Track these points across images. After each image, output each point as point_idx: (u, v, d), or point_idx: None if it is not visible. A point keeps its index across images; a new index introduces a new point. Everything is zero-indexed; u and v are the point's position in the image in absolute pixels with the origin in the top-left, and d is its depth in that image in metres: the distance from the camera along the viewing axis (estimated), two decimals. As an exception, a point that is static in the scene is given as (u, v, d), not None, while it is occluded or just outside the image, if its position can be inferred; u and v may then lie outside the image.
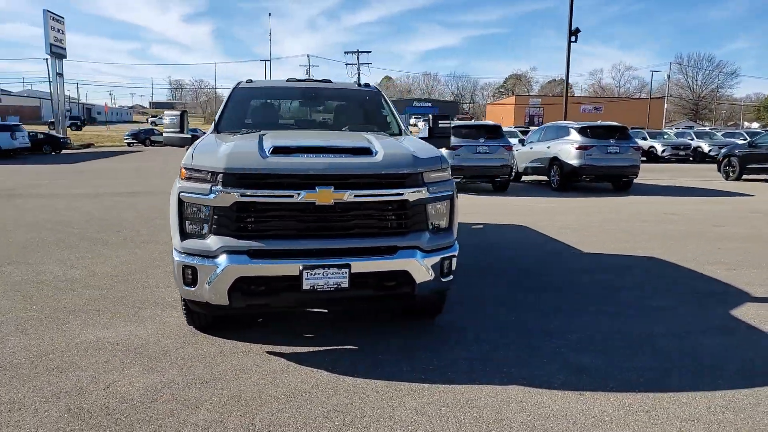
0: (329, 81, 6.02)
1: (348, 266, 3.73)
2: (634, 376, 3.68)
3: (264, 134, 4.44)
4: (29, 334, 4.36)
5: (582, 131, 14.63)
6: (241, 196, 3.66)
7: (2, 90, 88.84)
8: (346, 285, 3.75)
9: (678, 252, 7.32)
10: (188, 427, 3.04)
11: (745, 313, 4.91)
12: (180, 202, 3.80)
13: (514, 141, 17.14)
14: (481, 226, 9.30)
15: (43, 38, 45.49)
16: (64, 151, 35.89)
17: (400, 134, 5.28)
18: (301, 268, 3.66)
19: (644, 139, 29.77)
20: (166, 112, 5.26)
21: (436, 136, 5.53)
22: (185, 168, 3.82)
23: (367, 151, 3.95)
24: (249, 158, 3.76)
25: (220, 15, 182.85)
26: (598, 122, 15.84)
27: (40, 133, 36.37)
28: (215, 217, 3.71)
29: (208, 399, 3.36)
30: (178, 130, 5.16)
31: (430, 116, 5.51)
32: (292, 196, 3.67)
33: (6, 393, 3.40)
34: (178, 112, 5.17)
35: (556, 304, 5.14)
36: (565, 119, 25.30)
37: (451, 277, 4.12)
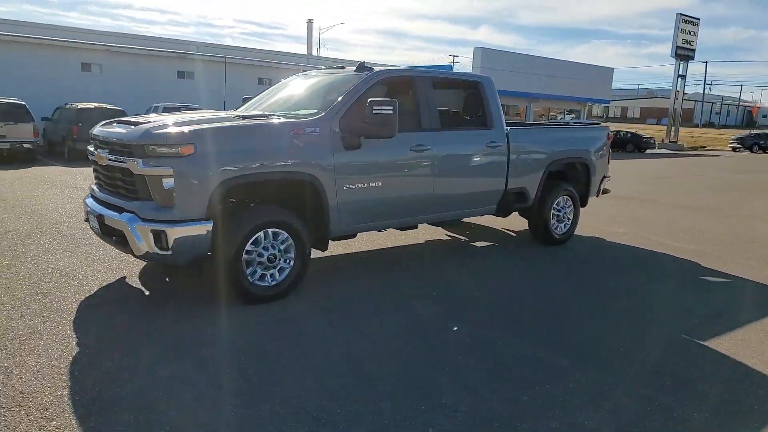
0: (342, 68, 5.89)
1: (101, 217, 4.61)
2: None
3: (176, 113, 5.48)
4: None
5: None
6: (88, 152, 5.10)
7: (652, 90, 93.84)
8: (99, 231, 4.66)
9: None
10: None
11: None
12: None
13: None
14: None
15: (672, 41, 46.86)
16: (648, 151, 37.02)
17: (321, 112, 4.97)
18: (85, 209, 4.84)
19: None
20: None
21: (368, 123, 4.86)
22: None
23: (140, 124, 4.54)
24: (97, 125, 5.09)
25: None
26: None
27: (627, 132, 38.66)
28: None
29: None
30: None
31: (369, 101, 4.85)
32: (93, 155, 4.84)
33: None
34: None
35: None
36: None
37: (170, 252, 4.22)
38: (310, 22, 38.84)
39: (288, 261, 4.77)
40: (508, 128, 6.40)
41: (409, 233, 7.29)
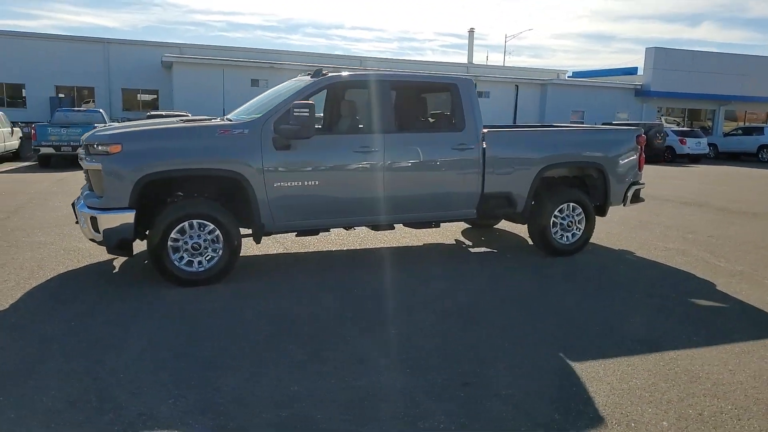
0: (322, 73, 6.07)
1: (74, 205, 5.58)
2: None
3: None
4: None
5: None
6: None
7: None
8: (75, 216, 5.65)
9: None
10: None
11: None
12: None
13: None
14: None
15: None
16: None
17: (258, 117, 5.41)
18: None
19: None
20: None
21: (291, 125, 5.19)
22: None
23: (101, 128, 5.41)
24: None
25: None
26: None
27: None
28: None
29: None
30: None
31: (292, 103, 5.18)
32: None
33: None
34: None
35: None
36: None
37: (101, 235, 5.01)
38: (471, 31, 39.16)
39: (216, 250, 5.27)
40: (486, 130, 6.16)
41: (415, 235, 7.36)
